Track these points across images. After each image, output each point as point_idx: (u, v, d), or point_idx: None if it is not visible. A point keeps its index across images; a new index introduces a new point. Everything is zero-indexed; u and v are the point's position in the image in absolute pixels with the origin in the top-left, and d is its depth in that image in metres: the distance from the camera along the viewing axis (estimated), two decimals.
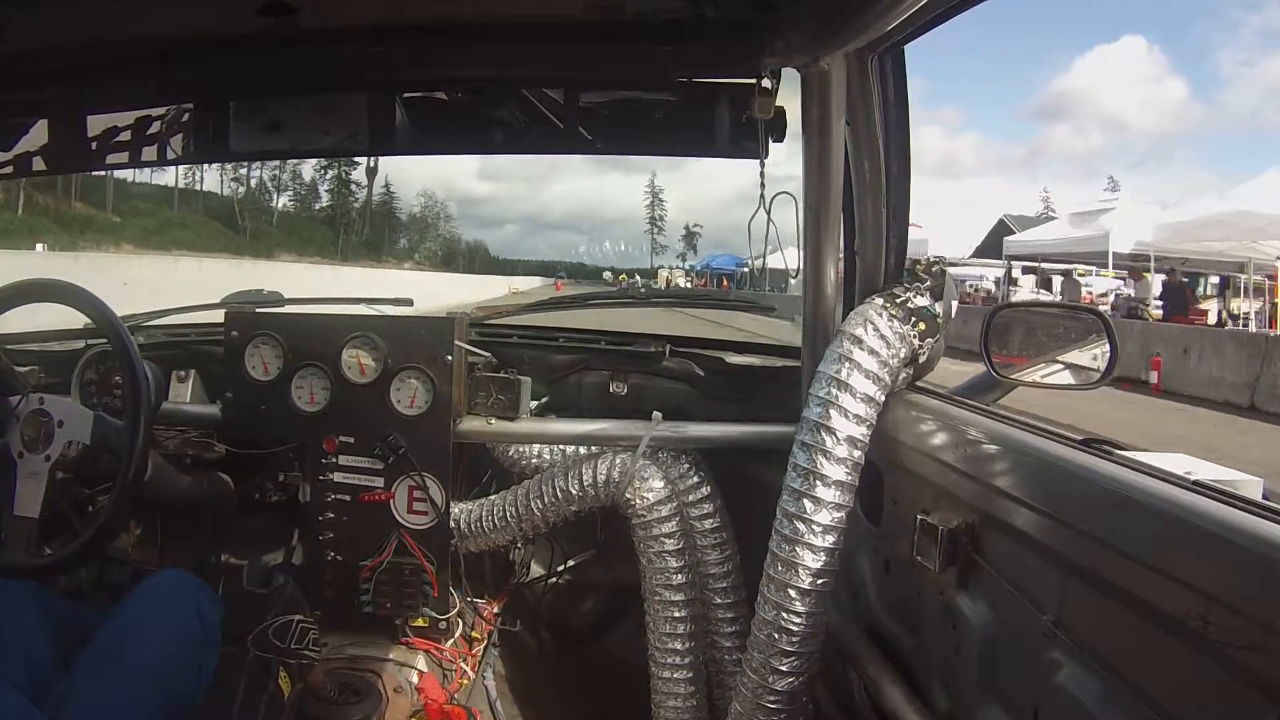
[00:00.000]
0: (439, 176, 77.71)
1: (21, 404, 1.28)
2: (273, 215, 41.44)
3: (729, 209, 62.75)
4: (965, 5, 0.97)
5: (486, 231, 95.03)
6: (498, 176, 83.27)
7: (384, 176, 48.70)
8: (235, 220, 36.94)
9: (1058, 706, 0.83)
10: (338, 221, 44.05)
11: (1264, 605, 0.59)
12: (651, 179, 60.67)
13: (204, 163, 29.81)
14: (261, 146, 1.36)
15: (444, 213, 55.11)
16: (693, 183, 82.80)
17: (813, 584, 1.13)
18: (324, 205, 45.38)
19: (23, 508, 1.24)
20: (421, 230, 52.61)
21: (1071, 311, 1.52)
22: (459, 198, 78.07)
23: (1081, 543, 0.79)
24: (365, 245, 45.00)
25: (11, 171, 1.42)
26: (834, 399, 1.14)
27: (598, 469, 1.49)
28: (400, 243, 50.69)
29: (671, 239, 60.85)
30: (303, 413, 1.49)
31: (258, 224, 38.35)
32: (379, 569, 1.49)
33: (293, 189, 43.70)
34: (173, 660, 1.14)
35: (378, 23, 1.19)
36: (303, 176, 43.84)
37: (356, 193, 47.25)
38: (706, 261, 37.37)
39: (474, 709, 1.53)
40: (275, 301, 1.81)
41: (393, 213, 50.86)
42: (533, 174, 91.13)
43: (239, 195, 38.50)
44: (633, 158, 29.97)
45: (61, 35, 1.17)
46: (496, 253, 60.26)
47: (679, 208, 77.54)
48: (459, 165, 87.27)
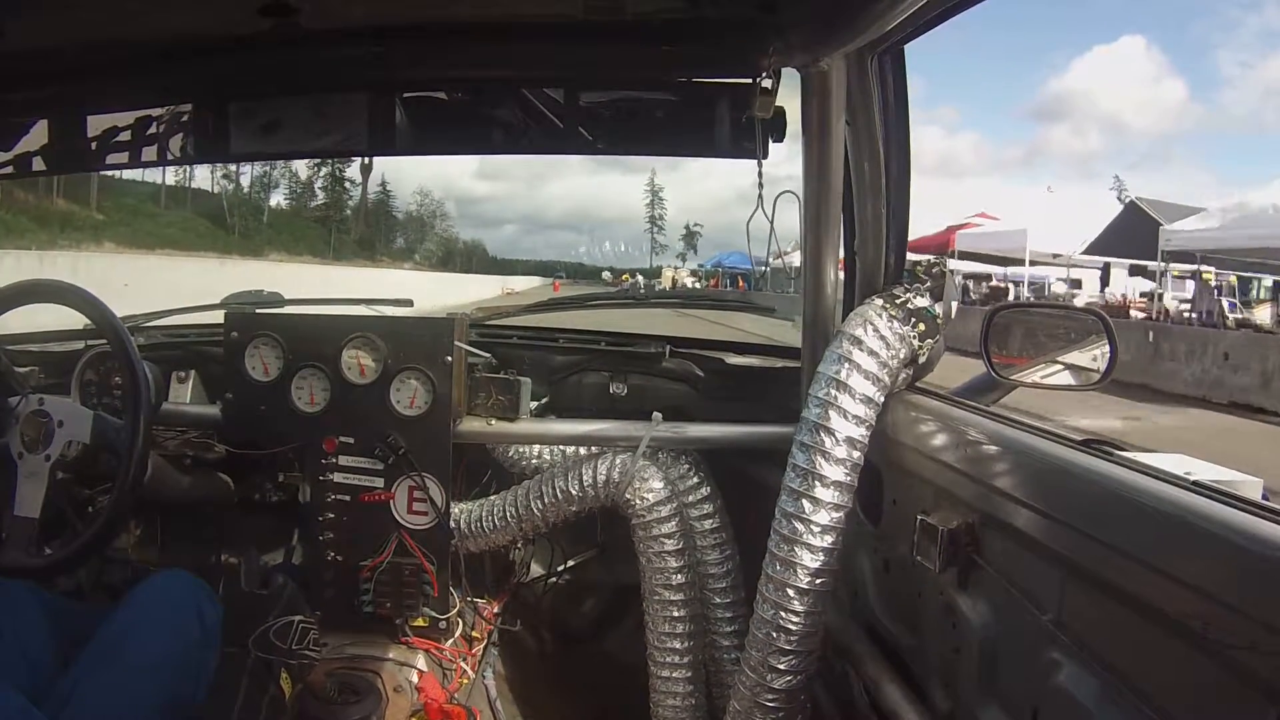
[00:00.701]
0: (437, 175, 76.84)
1: (21, 404, 1.28)
2: (264, 213, 40.25)
3: (729, 208, 62.53)
4: (965, 5, 0.97)
5: (485, 231, 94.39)
6: (496, 176, 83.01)
7: (380, 174, 47.30)
8: (224, 218, 35.72)
9: (1058, 706, 0.83)
10: (330, 220, 43.05)
11: (1264, 605, 0.59)
12: (651, 178, 60.40)
13: (204, 163, 29.27)
14: (262, 147, 1.36)
15: (440, 211, 53.55)
16: (692, 182, 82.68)
17: (811, 584, 1.13)
18: (318, 203, 44.31)
19: (23, 508, 1.23)
20: (418, 229, 51.44)
21: (1071, 312, 1.52)
22: (457, 197, 77.11)
23: (1081, 543, 0.79)
24: (359, 244, 44.02)
25: (11, 171, 1.42)
26: (833, 400, 1.14)
27: (598, 469, 1.49)
28: (396, 242, 49.36)
29: (671, 239, 60.57)
30: (303, 413, 1.49)
31: (248, 222, 37.12)
32: (379, 569, 1.49)
33: (285, 186, 42.70)
34: (173, 660, 1.14)
35: (378, 23, 1.19)
36: (296, 174, 42.81)
37: (351, 190, 46.29)
38: (718, 259, 35.58)
39: (474, 708, 1.53)
40: (275, 302, 1.81)
41: (389, 211, 49.72)
42: (532, 174, 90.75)
43: (229, 193, 37.38)
44: (631, 158, 29.45)
45: (61, 35, 1.17)
46: (495, 252, 59.32)
47: (678, 207, 77.22)
48: (457, 164, 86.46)
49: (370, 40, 1.20)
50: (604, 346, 1.70)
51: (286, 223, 40.38)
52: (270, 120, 1.34)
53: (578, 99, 1.32)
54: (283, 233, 37.73)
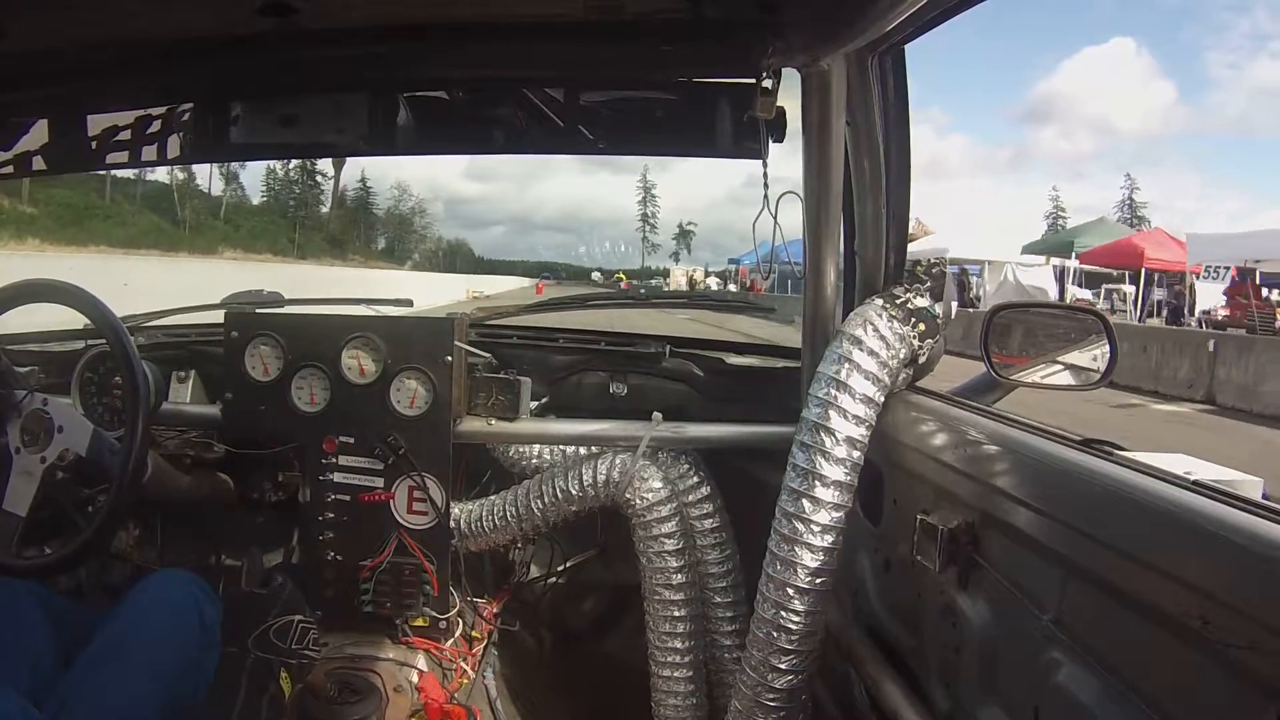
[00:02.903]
0: (422, 174, 74.80)
1: (26, 399, 1.29)
2: (220, 206, 37.29)
3: (720, 208, 62.38)
4: (965, 5, 0.97)
5: (473, 232, 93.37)
6: (485, 177, 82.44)
7: (359, 170, 44.28)
8: (174, 211, 32.77)
9: (1058, 706, 0.83)
10: (295, 215, 40.21)
11: (1264, 605, 0.59)
12: (643, 174, 59.77)
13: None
14: (262, 147, 1.36)
15: (419, 208, 50.92)
16: (685, 182, 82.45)
17: (811, 583, 1.13)
18: (286, 197, 41.22)
19: (11, 504, 1.23)
20: (396, 227, 48.74)
21: (1071, 312, 1.52)
22: (446, 198, 76.19)
23: (1081, 543, 0.79)
24: (329, 242, 40.90)
25: (11, 171, 1.42)
26: (833, 400, 1.14)
27: (598, 469, 1.49)
28: (371, 240, 46.49)
29: (664, 238, 59.97)
30: (302, 413, 1.49)
31: (200, 217, 34.14)
32: (379, 569, 1.49)
33: (247, 179, 40.21)
34: (173, 660, 1.14)
35: (378, 23, 1.19)
36: (267, 166, 40.25)
37: (323, 185, 43.10)
38: (738, 259, 33.74)
39: (474, 708, 1.53)
40: (275, 302, 1.81)
41: (369, 208, 46.96)
42: (522, 173, 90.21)
43: (180, 184, 34.02)
44: (622, 158, 28.57)
45: (61, 35, 1.17)
46: (482, 252, 58.09)
47: (670, 207, 76.78)
48: (445, 164, 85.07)
49: (370, 40, 1.20)
50: (604, 347, 1.70)
51: (246, 218, 37.78)
52: (270, 120, 1.34)
53: (578, 99, 1.32)
54: (240, 229, 35.12)
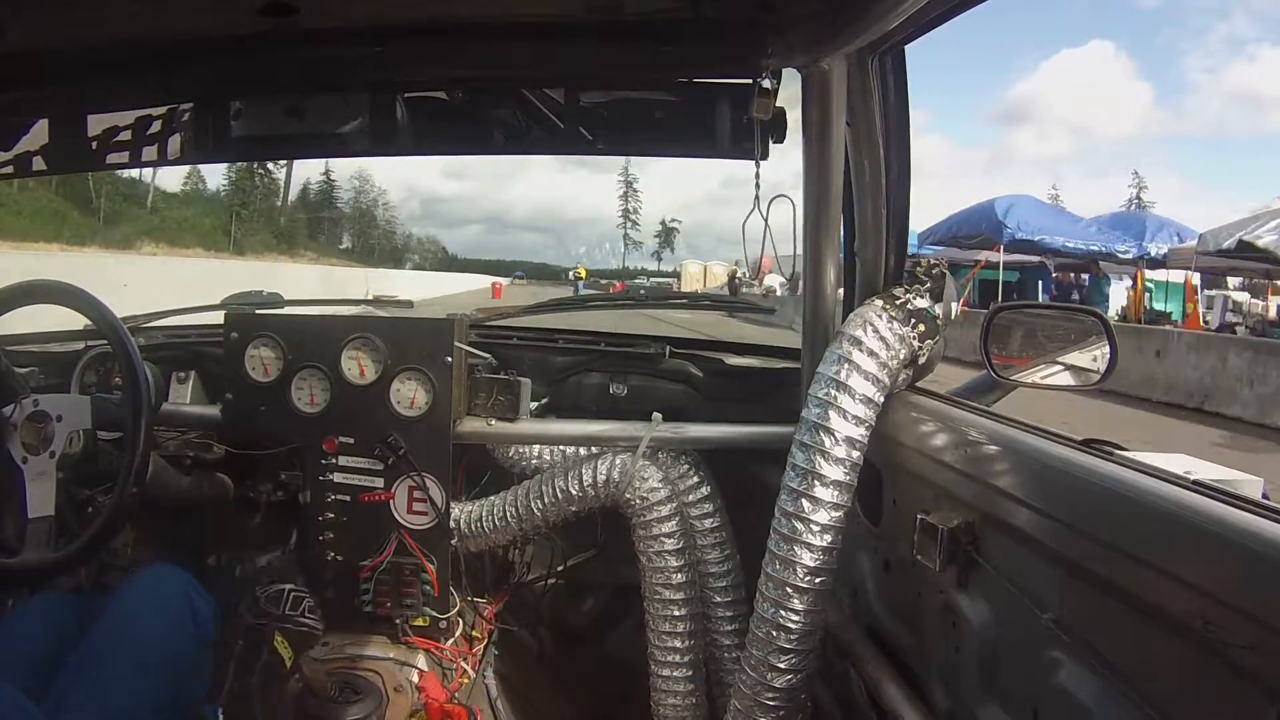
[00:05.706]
0: (393, 169, 72.82)
1: (16, 412, 1.28)
2: (146, 195, 33.15)
3: (696, 208, 62.05)
4: (966, 5, 0.97)
5: (447, 231, 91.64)
6: (462, 175, 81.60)
7: (322, 162, 40.84)
8: (89, 199, 28.20)
9: (1057, 706, 0.83)
10: (234, 207, 36.15)
11: (1264, 605, 0.59)
12: (625, 170, 58.84)
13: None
14: (262, 147, 1.36)
15: (383, 201, 47.70)
16: (668, 179, 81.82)
17: (810, 582, 1.13)
18: (219, 187, 37.58)
19: (37, 509, 1.24)
20: (357, 221, 45.55)
21: (1071, 313, 1.52)
22: (423, 196, 74.66)
23: (1081, 543, 0.79)
24: (277, 236, 37.55)
25: (11, 171, 1.42)
26: (833, 400, 1.14)
27: (598, 469, 1.49)
28: (327, 236, 43.04)
29: (646, 235, 59.04)
30: (302, 414, 1.49)
31: (117, 206, 29.81)
32: (379, 569, 1.49)
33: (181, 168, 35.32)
34: (168, 654, 1.15)
35: (378, 23, 1.19)
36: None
37: (275, 173, 39.75)
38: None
39: (474, 708, 1.53)
40: (275, 302, 1.82)
41: (332, 201, 43.67)
42: (498, 172, 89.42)
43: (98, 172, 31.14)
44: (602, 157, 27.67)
45: (61, 35, 1.17)
46: (455, 250, 56.29)
47: (652, 205, 76.00)
48: (420, 160, 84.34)
49: (370, 40, 1.20)
50: (604, 347, 1.70)
51: (175, 209, 34.42)
52: (270, 120, 1.34)
53: (578, 99, 1.32)
54: (167, 220, 31.91)
